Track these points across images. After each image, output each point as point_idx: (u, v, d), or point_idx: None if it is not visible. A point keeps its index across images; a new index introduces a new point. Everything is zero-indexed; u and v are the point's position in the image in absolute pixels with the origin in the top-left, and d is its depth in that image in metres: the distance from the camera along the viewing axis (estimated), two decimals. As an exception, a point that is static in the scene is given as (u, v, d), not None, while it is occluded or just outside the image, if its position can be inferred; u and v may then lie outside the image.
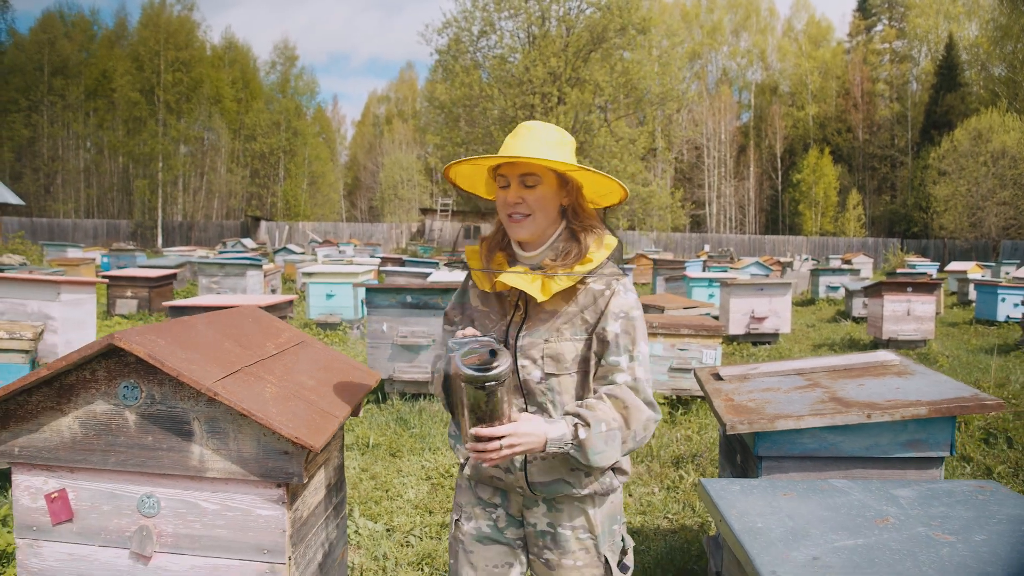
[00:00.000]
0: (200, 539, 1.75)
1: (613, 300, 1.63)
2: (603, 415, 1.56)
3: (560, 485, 1.64)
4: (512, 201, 1.61)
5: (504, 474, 1.66)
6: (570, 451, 1.54)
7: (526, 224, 1.62)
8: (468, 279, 1.79)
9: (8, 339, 3.39)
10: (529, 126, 1.64)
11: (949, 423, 2.27)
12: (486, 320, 1.70)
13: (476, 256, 1.73)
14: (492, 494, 1.75)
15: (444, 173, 1.70)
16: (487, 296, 1.72)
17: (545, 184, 1.62)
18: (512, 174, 1.61)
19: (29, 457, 1.78)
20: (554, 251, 1.66)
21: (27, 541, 1.83)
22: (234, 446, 1.67)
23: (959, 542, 1.62)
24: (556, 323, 1.63)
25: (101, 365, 1.71)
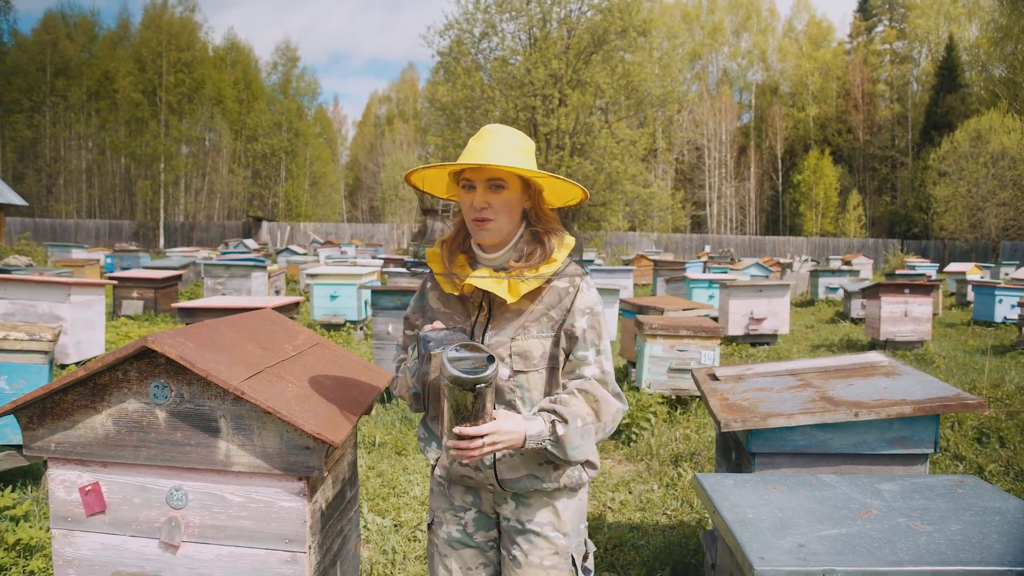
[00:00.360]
0: (226, 529, 1.87)
1: (579, 297, 1.68)
2: (577, 410, 1.60)
3: (529, 480, 1.68)
4: (479, 205, 1.63)
5: (474, 472, 1.68)
6: (548, 447, 1.58)
7: (491, 228, 1.65)
8: (426, 281, 1.82)
9: (28, 340, 3.50)
10: (493, 130, 1.67)
11: (933, 421, 2.38)
12: (449, 322, 1.72)
13: (437, 259, 1.74)
14: (464, 493, 1.78)
15: (406, 177, 1.75)
16: (448, 297, 1.75)
17: (510, 188, 1.65)
18: (478, 179, 1.63)
19: (64, 452, 1.90)
20: (518, 252, 1.69)
21: (62, 531, 1.95)
22: (258, 442, 1.79)
23: (936, 531, 1.74)
24: (522, 321, 1.67)
25: (133, 366, 1.82)
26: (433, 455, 1.77)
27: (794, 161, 52.05)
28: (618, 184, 19.89)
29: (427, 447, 1.79)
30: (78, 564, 1.95)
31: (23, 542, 3.13)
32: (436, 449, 1.76)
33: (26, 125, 45.28)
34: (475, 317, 1.71)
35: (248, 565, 1.87)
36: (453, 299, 1.74)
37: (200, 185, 47.08)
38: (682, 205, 48.12)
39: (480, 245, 1.73)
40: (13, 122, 45.01)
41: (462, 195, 1.67)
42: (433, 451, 1.77)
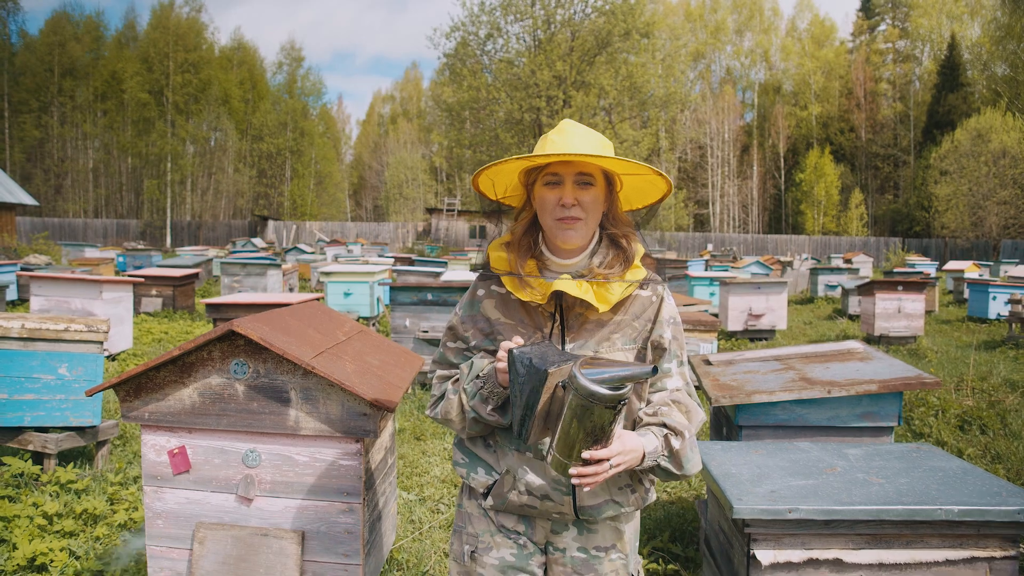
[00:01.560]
0: (293, 485, 2.22)
1: (664, 307, 1.59)
2: (683, 422, 1.52)
3: (609, 506, 1.56)
4: (569, 202, 1.49)
5: (540, 501, 1.54)
6: (662, 463, 1.49)
7: (580, 228, 1.52)
8: (477, 288, 1.65)
9: (87, 331, 3.86)
10: (573, 123, 1.56)
11: (897, 398, 2.73)
12: (514, 333, 1.55)
13: (504, 263, 1.57)
14: (516, 522, 1.62)
15: (474, 181, 1.60)
16: (509, 306, 1.59)
17: (597, 186, 1.53)
18: (567, 173, 1.50)
19: (156, 420, 2.25)
20: (600, 257, 1.57)
21: (152, 488, 2.30)
22: (323, 410, 2.14)
23: (887, 483, 2.09)
24: (606, 333, 1.54)
25: (216, 347, 2.18)
26: (482, 480, 1.61)
27: (797, 160, 52.30)
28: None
29: (472, 473, 1.63)
30: (166, 516, 2.30)
31: (88, 511, 3.49)
32: (485, 475, 1.60)
33: (34, 125, 45.77)
34: (549, 328, 1.55)
35: (311, 515, 2.23)
36: (516, 308, 1.58)
37: (206, 185, 47.49)
38: (684, 204, 48.41)
39: (551, 250, 1.59)
40: (21, 122, 45.51)
41: (543, 192, 1.52)
42: (481, 477, 1.61)
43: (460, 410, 1.54)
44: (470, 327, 1.63)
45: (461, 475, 1.66)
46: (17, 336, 3.75)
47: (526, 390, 1.32)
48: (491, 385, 1.47)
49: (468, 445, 1.64)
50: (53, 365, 3.83)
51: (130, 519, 3.51)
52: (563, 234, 1.52)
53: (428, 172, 59.01)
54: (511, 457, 1.55)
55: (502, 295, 1.60)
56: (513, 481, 1.55)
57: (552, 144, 1.51)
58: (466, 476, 1.64)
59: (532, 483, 1.53)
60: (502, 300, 1.60)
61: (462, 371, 1.58)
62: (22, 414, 3.83)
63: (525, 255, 1.57)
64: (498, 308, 1.60)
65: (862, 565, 1.98)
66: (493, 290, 1.61)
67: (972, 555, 1.98)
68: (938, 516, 1.90)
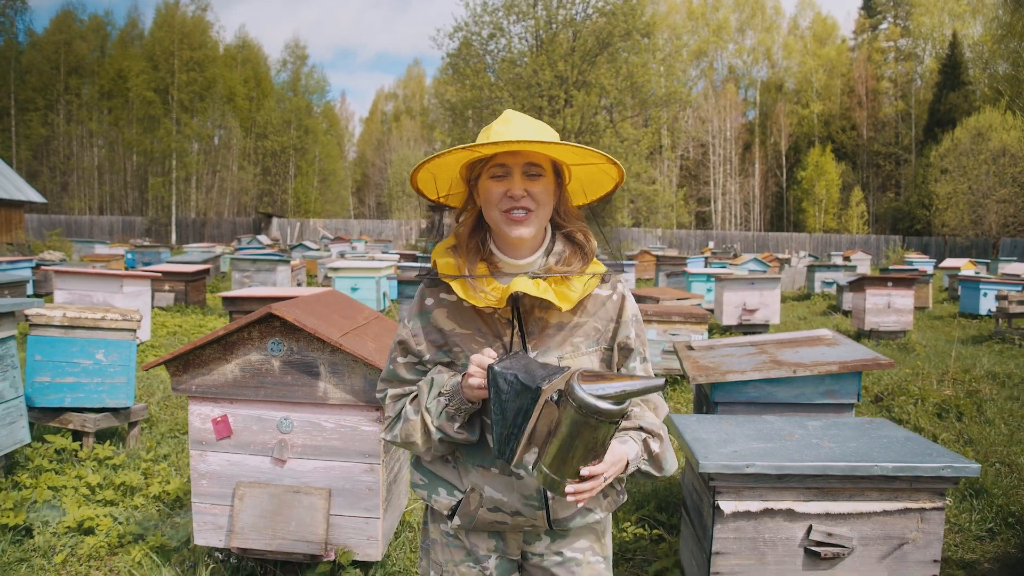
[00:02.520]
0: (321, 448, 2.56)
1: (626, 305, 1.53)
2: (656, 422, 1.50)
3: (582, 514, 1.51)
4: (518, 194, 1.39)
5: (511, 517, 1.46)
6: (642, 467, 1.46)
7: (531, 221, 1.41)
8: (425, 297, 1.51)
9: (122, 320, 4.20)
10: (517, 113, 1.46)
11: (856, 377, 3.05)
12: (471, 343, 1.45)
13: (454, 270, 1.44)
14: (487, 539, 1.53)
15: (413, 178, 1.49)
16: (463, 315, 1.47)
17: (547, 177, 1.43)
18: (515, 163, 1.40)
19: (202, 392, 2.59)
20: (556, 256, 1.48)
21: (198, 452, 2.64)
22: (348, 382, 2.47)
23: (837, 447, 2.41)
24: (567, 336, 1.47)
25: (255, 328, 2.51)
26: (444, 502, 1.51)
27: (798, 158, 52.51)
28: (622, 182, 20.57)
29: (432, 494, 1.53)
30: (210, 476, 2.64)
31: (126, 484, 3.83)
32: (447, 495, 1.50)
33: (41, 123, 46.15)
34: (508, 335, 1.45)
35: (337, 474, 2.56)
36: (470, 316, 1.47)
37: (211, 182, 47.86)
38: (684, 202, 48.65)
39: (502, 250, 1.48)
40: (28, 120, 45.92)
41: (488, 184, 1.42)
42: (443, 498, 1.51)
43: (424, 430, 1.43)
44: (422, 340, 1.49)
45: (421, 497, 1.56)
46: (59, 324, 4.09)
47: (511, 408, 1.25)
48: (457, 402, 1.37)
49: (426, 464, 1.55)
50: (91, 351, 4.16)
51: (163, 491, 3.84)
52: (513, 228, 1.41)
53: (431, 170, 59.25)
54: (475, 474, 1.47)
55: (453, 303, 1.47)
56: (480, 499, 1.46)
57: (496, 133, 1.40)
58: (427, 498, 1.54)
59: (500, 500, 1.45)
60: (455, 309, 1.47)
61: (421, 389, 1.46)
62: (63, 395, 4.17)
63: (474, 258, 1.45)
64: (451, 318, 1.47)
65: (811, 515, 2.30)
66: (443, 299, 1.47)
67: (906, 506, 2.30)
68: (875, 471, 2.23)
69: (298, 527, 2.54)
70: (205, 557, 2.94)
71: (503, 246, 1.48)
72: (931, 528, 2.33)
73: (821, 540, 2.31)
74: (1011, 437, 5.51)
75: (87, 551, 3.23)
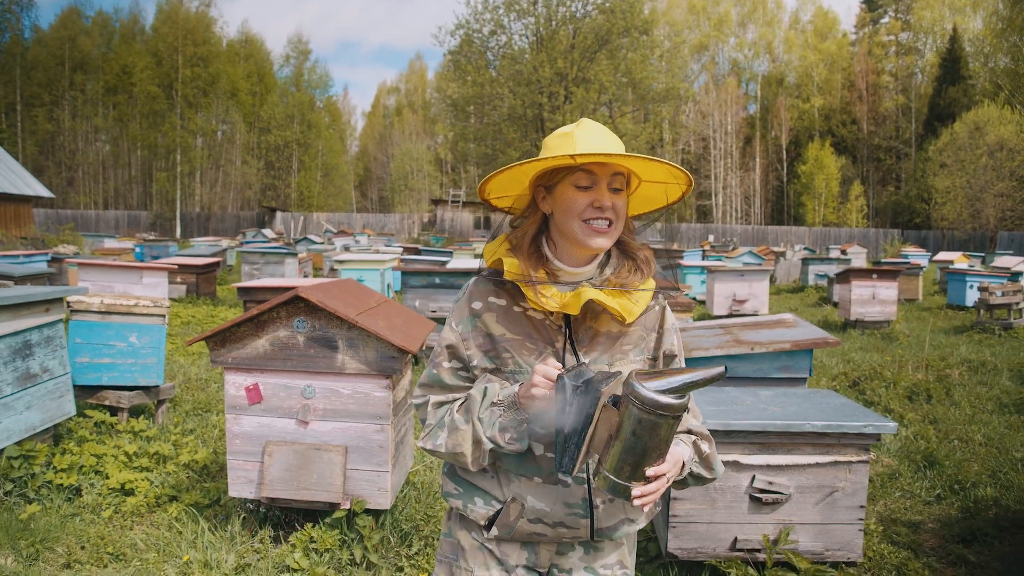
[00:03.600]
0: (339, 411, 2.98)
1: (667, 315, 1.54)
2: (702, 426, 1.53)
3: (625, 525, 1.50)
4: (607, 204, 1.39)
5: (552, 529, 1.45)
6: (695, 469, 1.47)
7: (611, 233, 1.41)
8: (473, 301, 1.50)
9: (153, 307, 4.62)
10: (591, 121, 1.46)
11: (807, 354, 3.46)
12: (523, 349, 1.45)
13: (518, 269, 1.43)
14: (519, 550, 1.52)
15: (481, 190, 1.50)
16: (513, 319, 1.46)
17: (625, 191, 1.44)
18: (604, 174, 1.39)
19: (236, 363, 3.01)
20: (612, 268, 1.48)
21: (232, 415, 3.06)
22: (362, 354, 2.89)
23: (780, 410, 2.83)
24: (618, 346, 1.46)
25: (283, 308, 2.93)
26: (481, 512, 1.50)
27: (799, 152, 52.75)
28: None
29: (468, 504, 1.52)
30: (243, 436, 3.06)
31: (159, 453, 4.26)
32: (484, 505, 1.50)
33: (46, 119, 46.60)
34: (560, 343, 1.45)
35: (352, 433, 2.98)
36: (521, 322, 1.46)
37: (215, 176, 48.30)
38: (686, 195, 48.83)
39: (559, 257, 1.47)
40: (34, 116, 46.37)
41: (572, 193, 1.40)
42: (480, 508, 1.50)
43: (474, 441, 1.41)
44: (471, 345, 1.48)
45: (456, 507, 1.54)
46: (97, 310, 4.51)
47: (574, 416, 1.23)
48: (514, 412, 1.36)
49: (462, 474, 1.53)
50: (125, 334, 4.59)
51: (192, 460, 4.27)
52: (594, 239, 1.40)
53: (433, 163, 59.67)
54: (518, 483, 1.45)
55: (503, 307, 1.46)
56: (521, 509, 1.45)
57: (584, 143, 1.38)
58: (463, 508, 1.52)
59: (543, 510, 1.44)
60: (504, 314, 1.46)
61: (473, 398, 1.43)
62: (100, 375, 4.60)
63: (536, 264, 1.45)
64: (501, 323, 1.46)
65: (754, 466, 2.72)
66: (492, 303, 1.47)
67: (835, 459, 2.72)
68: (807, 428, 2.64)
69: (319, 479, 2.97)
70: (237, 508, 3.38)
71: (563, 255, 1.47)
72: (857, 478, 2.75)
73: (763, 488, 2.73)
74: (973, 417, 5.93)
75: (130, 508, 3.66)
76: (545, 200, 1.46)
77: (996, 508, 3.95)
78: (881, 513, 3.99)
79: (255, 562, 3.03)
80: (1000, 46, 42.87)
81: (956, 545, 3.57)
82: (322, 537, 2.99)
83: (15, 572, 3.03)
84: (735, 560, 2.72)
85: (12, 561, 3.17)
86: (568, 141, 1.40)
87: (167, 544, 3.27)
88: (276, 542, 3.20)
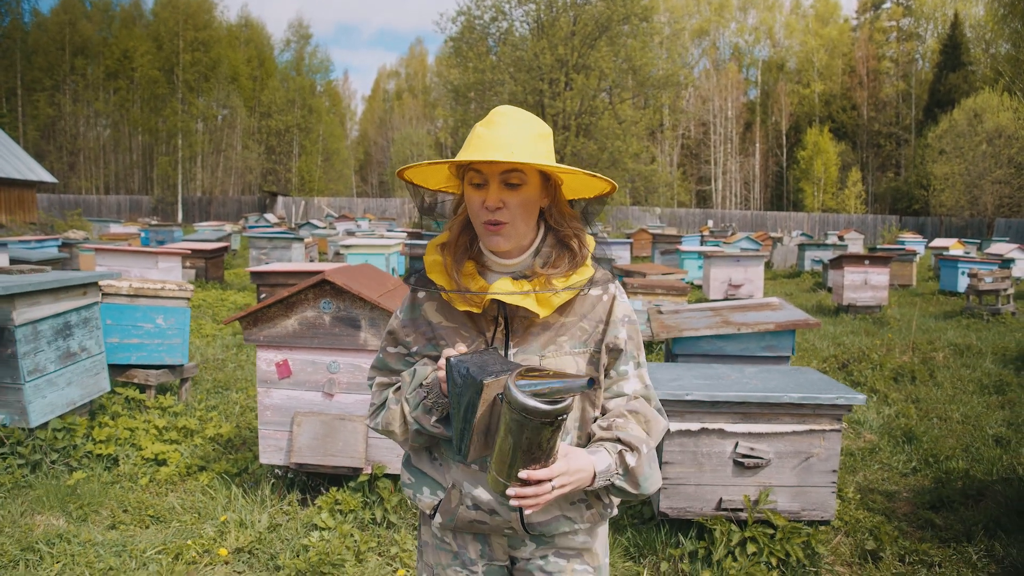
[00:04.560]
0: (361, 384, 3.27)
1: (616, 306, 1.49)
2: (638, 434, 1.42)
3: (559, 522, 1.47)
4: (493, 205, 1.37)
5: (488, 516, 1.44)
6: (616, 482, 1.40)
7: (507, 232, 1.40)
8: (417, 290, 1.51)
9: (178, 290, 4.91)
10: (506, 113, 1.40)
11: (790, 335, 3.76)
12: (456, 337, 1.46)
13: (441, 269, 1.45)
14: (472, 542, 1.52)
15: (398, 173, 1.47)
16: (451, 309, 1.47)
17: (529, 184, 1.39)
18: (492, 172, 1.36)
19: (267, 341, 3.30)
20: (543, 258, 1.45)
21: (263, 389, 3.35)
22: (383, 332, 3.17)
23: (761, 383, 3.13)
24: (552, 336, 1.45)
25: (311, 291, 3.21)
26: (428, 501, 1.51)
27: (799, 137, 52.82)
28: (620, 163, 21.18)
29: (417, 493, 1.53)
30: (273, 408, 3.36)
31: (187, 427, 4.56)
32: (430, 494, 1.51)
33: (48, 103, 46.64)
34: (491, 332, 1.45)
35: (374, 405, 3.27)
36: (457, 311, 1.46)
37: (216, 161, 48.40)
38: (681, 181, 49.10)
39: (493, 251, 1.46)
40: (35, 100, 46.40)
41: (469, 192, 1.40)
42: (427, 496, 1.51)
43: (402, 421, 1.44)
44: (411, 331, 1.51)
45: (409, 496, 1.57)
46: (126, 293, 4.80)
47: (463, 402, 1.24)
48: (435, 395, 1.38)
49: (415, 463, 1.55)
50: (152, 316, 4.88)
51: (217, 434, 4.57)
52: (489, 239, 1.41)
53: (433, 148, 59.65)
54: (456, 470, 1.46)
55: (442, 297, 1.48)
56: (460, 496, 1.45)
57: (478, 139, 1.36)
58: (413, 497, 1.55)
59: (479, 497, 1.44)
60: (444, 303, 1.48)
61: (404, 379, 1.46)
62: (129, 354, 4.89)
63: (463, 256, 1.46)
64: (439, 311, 1.48)
65: (738, 433, 3.02)
66: (434, 292, 1.48)
67: (811, 428, 3.02)
68: (784, 400, 2.94)
69: (344, 446, 3.27)
70: (266, 475, 3.68)
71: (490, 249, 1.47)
72: (830, 445, 3.05)
73: (745, 453, 3.03)
74: (953, 397, 6.24)
75: (163, 477, 3.97)
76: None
77: (965, 479, 4.26)
78: (860, 483, 4.30)
79: (285, 522, 3.34)
80: (1001, 32, 42.87)
81: (926, 511, 3.88)
82: (346, 499, 3.29)
83: (68, 531, 3.33)
84: (720, 518, 3.02)
85: (63, 522, 3.48)
86: (471, 137, 1.39)
87: (203, 507, 3.57)
88: (303, 505, 3.51)
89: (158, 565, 3.06)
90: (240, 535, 3.22)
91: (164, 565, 3.06)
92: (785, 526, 2.97)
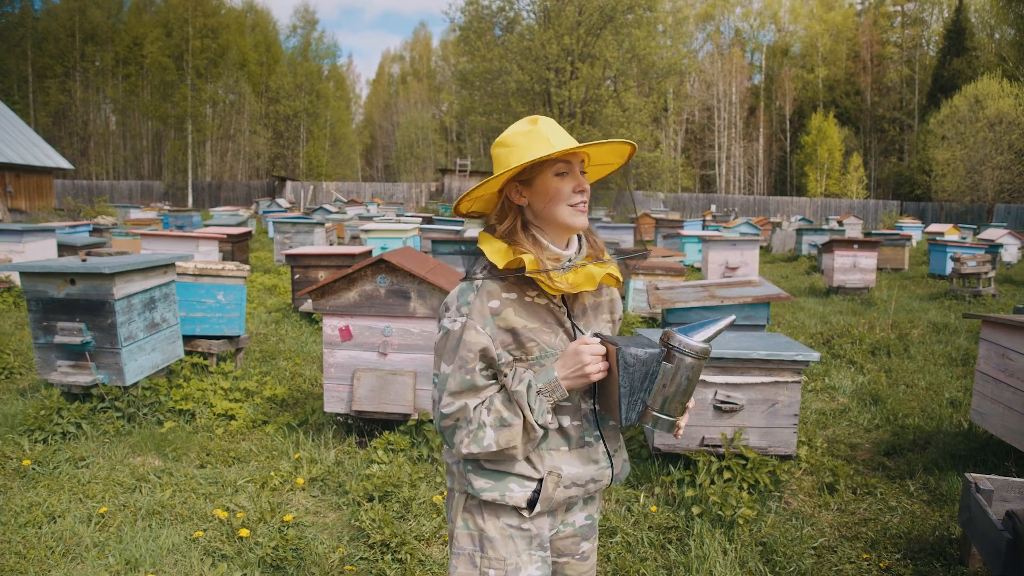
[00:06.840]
0: (410, 345, 3.99)
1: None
2: None
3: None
4: (588, 187, 1.57)
5: (583, 488, 1.59)
6: None
7: (586, 212, 1.57)
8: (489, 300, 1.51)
9: (236, 270, 5.63)
10: (546, 118, 1.61)
11: (765, 307, 4.46)
12: (542, 335, 1.54)
13: (535, 263, 1.50)
14: (546, 519, 1.62)
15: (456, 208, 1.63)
16: (531, 309, 1.54)
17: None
18: (576, 162, 1.55)
19: (333, 310, 4.01)
20: (590, 244, 1.64)
21: (328, 350, 4.07)
22: (429, 302, 3.89)
23: (737, 344, 3.83)
24: (596, 312, 1.66)
25: (369, 269, 3.92)
26: (520, 496, 1.55)
27: (802, 122, 53.10)
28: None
29: (505, 492, 1.55)
30: (336, 366, 4.08)
31: (247, 388, 5.29)
32: (520, 488, 1.55)
33: (59, 90, 47.25)
34: (568, 319, 1.59)
35: (420, 362, 4.00)
36: (535, 310, 1.54)
37: (225, 147, 49.02)
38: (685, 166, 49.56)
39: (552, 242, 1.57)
40: (46, 87, 47.04)
41: (555, 183, 1.52)
42: (517, 492, 1.55)
43: (526, 433, 1.48)
44: (498, 344, 1.52)
45: (491, 499, 1.55)
46: (192, 273, 5.52)
47: (638, 376, 1.41)
48: (559, 395, 1.48)
49: (490, 466, 1.55)
50: (214, 293, 5.60)
51: (273, 394, 5.30)
52: (578, 218, 1.54)
53: (438, 132, 60.12)
54: (550, 457, 1.55)
55: (515, 300, 1.52)
56: (558, 479, 1.55)
57: (560, 140, 1.51)
58: (500, 498, 1.55)
59: (577, 474, 1.57)
60: (521, 305, 1.53)
61: (520, 392, 1.47)
62: (194, 326, 5.62)
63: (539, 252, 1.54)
64: (520, 315, 1.52)
65: (717, 384, 3.73)
66: (506, 298, 1.52)
67: (776, 380, 3.73)
68: (753, 356, 3.65)
69: (395, 396, 3.99)
70: (328, 422, 4.41)
71: (554, 239, 1.57)
72: (792, 395, 3.76)
73: (723, 400, 3.74)
74: (922, 368, 6.93)
75: (235, 428, 4.70)
76: (522, 194, 1.55)
77: (916, 431, 4.97)
78: (829, 436, 5.02)
79: (347, 459, 4.07)
80: (1006, 17, 43.03)
81: (881, 457, 4.60)
82: (397, 440, 4.02)
83: (166, 468, 4.07)
84: (702, 452, 3.74)
85: (160, 462, 4.21)
86: (539, 138, 1.51)
87: (276, 449, 4.31)
88: (360, 446, 4.24)
89: (248, 491, 3.80)
90: (312, 468, 3.96)
91: (253, 491, 3.80)
92: (755, 459, 3.69)
